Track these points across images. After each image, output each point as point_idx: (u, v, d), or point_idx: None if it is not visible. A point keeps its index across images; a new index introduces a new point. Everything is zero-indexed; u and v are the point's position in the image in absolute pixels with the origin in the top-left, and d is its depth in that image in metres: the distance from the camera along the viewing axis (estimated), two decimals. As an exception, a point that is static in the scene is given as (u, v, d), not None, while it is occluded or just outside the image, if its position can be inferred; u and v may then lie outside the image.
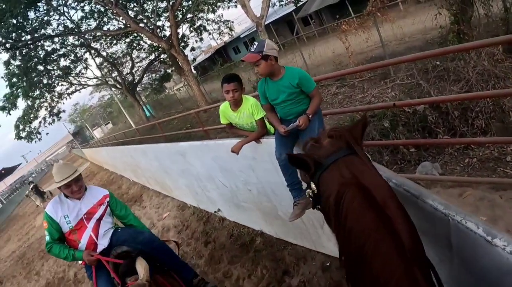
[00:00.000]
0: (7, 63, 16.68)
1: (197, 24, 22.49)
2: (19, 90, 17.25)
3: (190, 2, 19.53)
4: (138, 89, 34.42)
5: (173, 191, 7.81)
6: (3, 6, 12.14)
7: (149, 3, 19.34)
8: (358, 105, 7.97)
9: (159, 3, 18.93)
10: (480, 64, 5.68)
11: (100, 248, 3.00)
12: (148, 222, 7.72)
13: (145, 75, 32.85)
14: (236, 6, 20.77)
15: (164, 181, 7.83)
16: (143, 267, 2.68)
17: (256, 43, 2.51)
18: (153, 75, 35.93)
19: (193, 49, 26.54)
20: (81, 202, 3.02)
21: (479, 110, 4.84)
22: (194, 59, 28.30)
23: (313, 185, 1.34)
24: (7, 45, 15.18)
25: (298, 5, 20.55)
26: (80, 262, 3.04)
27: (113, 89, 31.53)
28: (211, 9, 20.86)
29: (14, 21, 13.85)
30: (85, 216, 3.00)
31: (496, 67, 5.72)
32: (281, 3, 18.07)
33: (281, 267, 3.97)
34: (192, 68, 20.19)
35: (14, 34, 14.86)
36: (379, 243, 1.06)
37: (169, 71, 33.83)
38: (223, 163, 4.20)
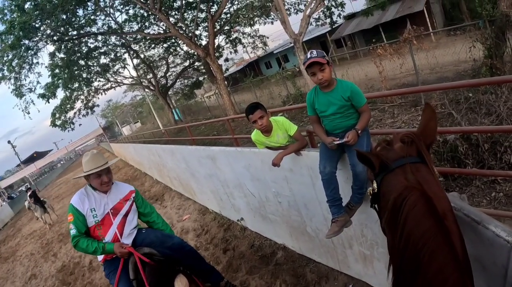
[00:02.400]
0: (52, 55, 17.50)
1: (233, 36, 22.93)
2: (59, 81, 17.95)
3: (229, 15, 19.97)
4: (169, 92, 35.21)
5: (196, 195, 7.87)
6: (56, 1, 12.73)
7: (189, 12, 19.90)
8: (387, 129, 7.94)
9: (199, 13, 19.49)
10: (511, 99, 5.67)
11: None
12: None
13: (177, 80, 33.64)
14: (272, 23, 21.07)
15: (189, 183, 7.91)
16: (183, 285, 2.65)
17: (313, 51, 2.47)
18: (186, 81, 36.69)
19: (226, 59, 27.06)
20: (108, 196, 2.96)
21: (508, 145, 4.78)
22: (227, 69, 28.77)
23: (374, 184, 1.39)
24: (55, 38, 15.91)
25: (333, 26, 20.67)
26: (100, 258, 2.98)
27: (146, 90, 32.45)
28: (248, 23, 21.23)
29: (64, 16, 14.48)
30: (112, 211, 2.94)
31: None
32: (318, 23, 18.24)
33: (302, 284, 3.90)
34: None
35: (62, 29, 15.55)
36: (436, 250, 1.11)
37: (201, 78, 34.54)
38: (255, 172, 4.20)
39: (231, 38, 22.91)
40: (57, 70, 17.56)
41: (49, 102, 17.37)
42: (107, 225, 2.91)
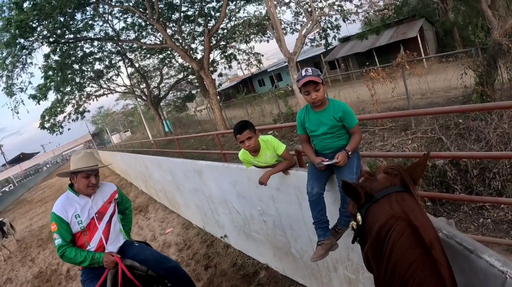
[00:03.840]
0: (47, 56, 17.30)
1: (229, 52, 23.07)
2: (52, 83, 17.71)
3: (225, 31, 20.15)
4: (161, 104, 35.26)
5: (180, 208, 7.74)
6: (54, 3, 12.68)
7: (187, 25, 20.04)
8: (377, 152, 7.96)
9: (196, 26, 19.64)
10: (501, 126, 5.74)
11: None
12: (150, 234, 7.67)
13: (170, 92, 33.71)
14: (268, 41, 21.27)
15: (174, 197, 7.79)
16: None
17: (308, 69, 2.41)
18: (178, 93, 36.73)
19: (220, 75, 27.15)
20: (92, 200, 2.83)
21: (497, 171, 4.83)
22: (220, 84, 28.90)
23: (359, 217, 1.36)
24: (51, 39, 15.77)
25: (328, 48, 20.98)
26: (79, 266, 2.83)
27: (138, 99, 32.37)
28: (244, 40, 21.43)
29: (62, 19, 14.44)
30: (96, 215, 2.81)
31: None
32: (313, 44, 18.50)
33: (284, 306, 3.80)
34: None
35: (59, 31, 15.45)
36: (424, 281, 1.09)
37: (193, 92, 34.59)
38: (241, 189, 4.13)
39: (226, 54, 23.04)
40: (50, 72, 17.40)
41: (39, 104, 17.12)
42: (92, 231, 2.79)
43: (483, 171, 4.92)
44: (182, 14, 18.29)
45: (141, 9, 15.29)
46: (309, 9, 13.38)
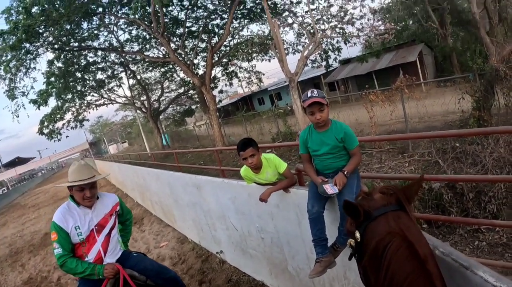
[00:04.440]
0: (50, 62, 17.49)
1: (230, 69, 23.32)
2: (53, 90, 17.83)
3: (228, 48, 20.44)
4: (161, 117, 35.37)
5: (176, 222, 7.72)
6: (62, 11, 12.89)
7: (190, 40, 20.33)
8: (375, 173, 8.01)
9: (200, 42, 19.92)
10: (497, 151, 5.85)
11: None
12: (144, 247, 7.62)
13: (170, 106, 33.89)
14: (269, 60, 21.59)
15: (170, 210, 7.78)
16: None
17: (314, 90, 2.51)
18: (178, 107, 36.92)
19: (221, 91, 27.35)
20: (92, 211, 2.82)
21: (492, 195, 4.92)
22: (220, 101, 29.11)
23: (357, 234, 1.43)
24: (56, 46, 15.97)
25: (328, 70, 21.26)
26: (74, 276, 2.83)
27: (138, 111, 32.58)
28: (246, 58, 21.71)
29: (68, 27, 14.66)
30: (96, 227, 2.81)
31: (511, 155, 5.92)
32: (314, 65, 18.77)
33: (278, 324, 3.81)
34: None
35: (64, 38, 15.66)
36: None
37: (193, 107, 34.84)
38: (240, 205, 4.16)
39: (227, 71, 23.29)
40: (52, 79, 17.54)
41: (39, 109, 17.17)
42: (91, 243, 2.79)
43: (479, 194, 4.99)
44: (186, 30, 18.58)
45: (146, 22, 15.52)
46: (312, 31, 13.65)
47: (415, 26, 29.43)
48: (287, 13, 17.43)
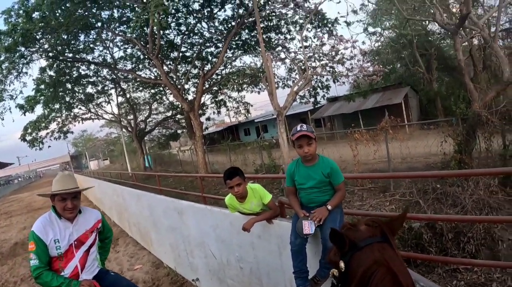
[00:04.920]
0: (42, 70, 17.35)
1: (220, 97, 23.49)
2: (42, 97, 17.67)
3: (220, 76, 20.73)
4: (146, 138, 35.12)
5: (153, 246, 7.55)
6: (62, 20, 12.94)
7: (183, 65, 20.58)
8: (357, 210, 8.07)
9: (192, 68, 20.17)
10: (477, 193, 5.98)
11: None
12: (117, 268, 7.38)
13: (156, 128, 33.78)
14: (259, 92, 21.72)
15: (148, 233, 7.62)
16: None
17: (303, 124, 2.61)
18: (164, 130, 36.77)
19: (208, 119, 27.39)
20: (73, 226, 2.76)
21: (471, 235, 4.98)
22: (206, 128, 29.18)
23: (342, 264, 1.46)
24: (50, 54, 15.90)
25: (316, 106, 21.65)
26: None
27: (123, 130, 32.30)
28: (236, 88, 21.98)
29: (65, 37, 14.64)
30: (75, 243, 2.74)
31: (491, 197, 6.08)
32: (302, 100, 19.11)
33: None
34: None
35: (60, 47, 15.61)
36: None
37: (179, 131, 34.76)
38: (221, 233, 4.13)
39: (217, 99, 23.38)
40: (42, 86, 17.40)
41: (25, 115, 16.90)
42: (69, 258, 2.72)
43: (458, 235, 5.07)
44: (180, 54, 18.80)
45: (142, 42, 15.70)
46: (303, 67, 14.01)
47: (403, 69, 30.55)
48: (280, 48, 17.87)
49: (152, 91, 26.17)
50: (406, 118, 24.67)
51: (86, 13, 14.10)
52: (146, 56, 17.64)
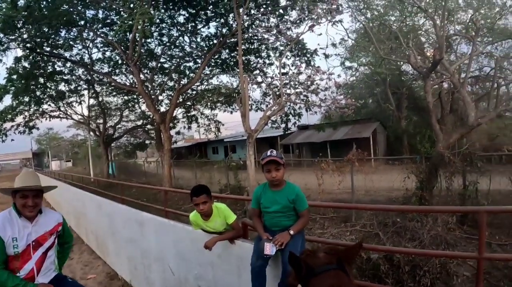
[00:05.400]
0: (17, 59, 16.59)
1: (192, 113, 23.42)
2: (12, 88, 16.99)
3: (194, 92, 20.75)
4: (113, 144, 34.28)
5: (109, 256, 7.31)
6: (45, 13, 12.68)
7: (160, 76, 20.50)
8: (317, 237, 8.19)
9: (168, 80, 20.11)
10: (435, 229, 6.22)
11: None
12: (70, 275, 7.09)
13: (125, 135, 33.13)
14: (231, 112, 21.79)
15: (105, 242, 7.38)
16: None
17: (274, 150, 2.72)
18: (132, 139, 36.08)
19: (178, 133, 27.12)
20: (33, 226, 2.69)
21: (427, 269, 5.15)
22: (175, 142, 28.86)
23: None
24: (28, 45, 15.42)
25: (286, 132, 21.92)
26: None
27: (91, 133, 31.40)
28: (210, 106, 21.99)
29: (46, 29, 14.29)
30: (33, 243, 2.66)
31: (448, 234, 6.34)
32: (273, 125, 19.34)
33: None
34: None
35: (39, 40, 15.15)
36: None
37: (147, 142, 34.24)
38: (182, 250, 4.10)
39: (189, 114, 23.29)
40: (15, 76, 16.68)
41: (-9, 104, 16.19)
42: (25, 258, 2.64)
43: (415, 268, 5.24)
44: (159, 65, 18.75)
45: (122, 47, 15.56)
46: (278, 93, 14.26)
47: (374, 105, 31.76)
48: (258, 71, 18.16)
49: (126, 97, 25.75)
50: (373, 153, 25.46)
51: (71, 9, 13.91)
52: (124, 62, 17.45)
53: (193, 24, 16.43)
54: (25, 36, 14.63)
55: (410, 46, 13.80)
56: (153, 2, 12.91)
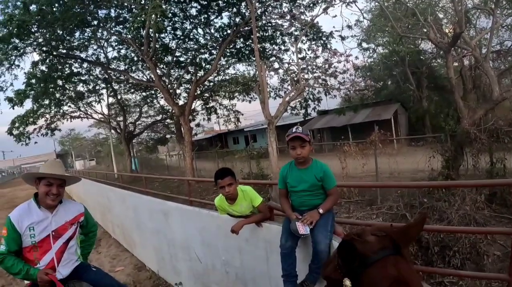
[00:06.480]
0: (35, 64, 17.03)
1: (211, 104, 23.47)
2: (32, 92, 17.44)
3: (212, 83, 20.73)
4: (134, 141, 34.77)
5: (135, 248, 7.42)
6: (58, 15, 12.84)
7: (177, 70, 20.55)
8: (346, 219, 8.08)
9: (185, 73, 20.15)
10: (463, 208, 6.03)
11: (57, 276, 2.56)
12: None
13: (145, 131, 33.54)
14: (250, 102, 21.81)
15: (131, 235, 7.48)
16: None
17: (299, 127, 2.61)
18: (153, 134, 36.50)
19: (198, 125, 27.22)
20: (53, 216, 2.66)
21: (457, 249, 5.03)
22: (196, 134, 28.99)
23: (347, 282, 1.27)
24: (44, 48, 15.71)
25: (306, 118, 21.73)
26: (26, 282, 2.66)
27: (112, 131, 31.95)
28: (228, 96, 21.98)
29: (60, 32, 14.52)
30: (53, 233, 2.64)
31: (477, 213, 6.13)
32: (293, 112, 19.18)
33: None
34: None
35: (54, 42, 15.44)
36: None
37: (168, 136, 34.53)
38: (207, 237, 4.05)
39: (208, 106, 23.35)
40: (33, 81, 17.12)
41: (13, 109, 16.57)
42: (45, 249, 2.61)
43: (444, 248, 5.11)
44: (174, 59, 18.77)
45: (137, 44, 15.63)
46: (296, 78, 14.08)
47: (393, 86, 30.97)
48: (274, 58, 18.00)
49: (144, 93, 26.00)
50: (395, 134, 24.93)
51: (83, 10, 14.02)
52: (140, 58, 17.54)
53: (206, 15, 16.33)
54: (40, 40, 14.90)
55: (429, 22, 13.32)
56: (164, -4, 12.85)
